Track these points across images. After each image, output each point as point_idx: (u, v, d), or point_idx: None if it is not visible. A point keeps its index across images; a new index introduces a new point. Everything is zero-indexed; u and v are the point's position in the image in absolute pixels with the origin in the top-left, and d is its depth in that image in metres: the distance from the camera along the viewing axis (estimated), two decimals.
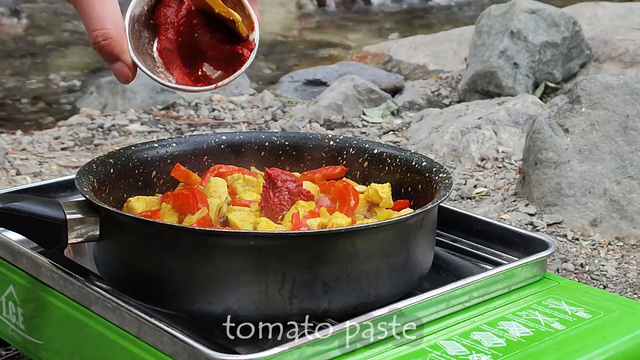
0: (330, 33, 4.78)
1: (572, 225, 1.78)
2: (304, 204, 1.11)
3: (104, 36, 0.97)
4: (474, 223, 1.25)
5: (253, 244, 0.97)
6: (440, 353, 0.96)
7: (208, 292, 0.98)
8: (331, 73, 3.10)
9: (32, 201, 1.04)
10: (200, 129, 2.52)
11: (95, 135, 2.44)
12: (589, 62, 2.98)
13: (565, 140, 1.85)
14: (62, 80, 3.54)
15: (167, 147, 1.26)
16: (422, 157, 1.22)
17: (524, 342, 0.99)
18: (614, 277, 1.60)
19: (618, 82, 1.85)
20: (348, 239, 1.00)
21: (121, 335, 0.98)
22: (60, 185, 1.34)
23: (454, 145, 2.19)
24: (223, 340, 1.02)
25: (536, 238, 1.18)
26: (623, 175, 1.79)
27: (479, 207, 1.89)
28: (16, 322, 1.16)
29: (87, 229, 1.05)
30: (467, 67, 2.93)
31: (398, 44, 3.66)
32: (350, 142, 1.29)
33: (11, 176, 2.07)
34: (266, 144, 1.31)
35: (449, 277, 1.20)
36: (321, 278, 0.99)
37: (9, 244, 1.15)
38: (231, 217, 1.08)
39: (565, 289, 1.13)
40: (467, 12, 5.35)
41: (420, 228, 1.07)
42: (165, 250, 0.99)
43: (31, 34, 4.47)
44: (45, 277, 1.09)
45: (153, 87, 2.77)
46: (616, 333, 1.03)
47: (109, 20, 0.97)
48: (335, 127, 2.53)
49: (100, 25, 0.97)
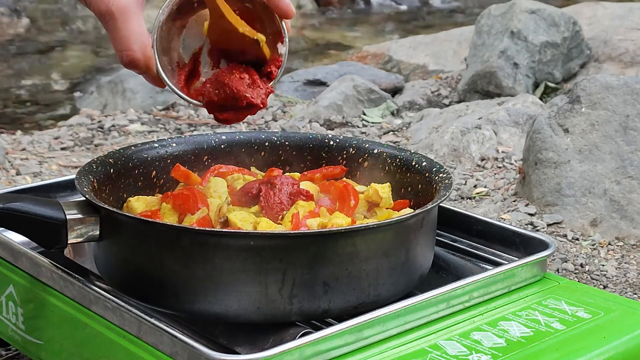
0: (330, 33, 4.78)
1: (572, 225, 1.78)
2: (304, 204, 1.11)
3: (129, 58, 0.99)
4: (474, 223, 1.25)
5: (253, 244, 0.97)
6: (440, 353, 0.96)
7: (208, 292, 0.98)
8: (331, 73, 3.10)
9: (32, 201, 1.04)
10: (200, 129, 2.52)
11: (95, 135, 2.44)
12: (589, 62, 2.98)
13: (565, 140, 1.85)
14: (62, 80, 3.54)
15: (167, 147, 1.26)
16: (422, 157, 1.21)
17: (524, 342, 0.99)
18: (614, 277, 1.60)
19: (618, 82, 1.85)
20: (348, 239, 0.99)
21: (121, 335, 0.98)
22: (60, 185, 1.34)
23: (454, 145, 2.19)
24: (223, 340, 1.02)
25: (536, 238, 1.18)
26: (623, 175, 1.79)
27: (479, 207, 1.89)
28: (16, 322, 1.16)
29: (87, 229, 1.05)
30: (467, 67, 2.93)
31: (398, 44, 3.66)
32: (350, 142, 1.29)
33: (11, 176, 2.07)
34: (266, 144, 1.31)
35: (449, 277, 1.20)
36: (321, 278, 0.99)
37: (9, 244, 1.15)
38: (231, 217, 1.08)
39: (565, 289, 1.13)
40: (468, 12, 5.35)
41: (420, 228, 1.07)
42: (165, 250, 0.99)
43: (31, 33, 4.47)
44: (45, 277, 1.09)
45: (153, 87, 2.77)
46: (616, 333, 1.03)
47: (135, 41, 0.98)
48: (335, 127, 2.53)
49: (125, 46, 0.98)
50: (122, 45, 0.98)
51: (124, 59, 0.99)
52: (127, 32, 0.98)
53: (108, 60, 3.97)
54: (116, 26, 0.98)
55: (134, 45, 0.98)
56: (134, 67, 1.00)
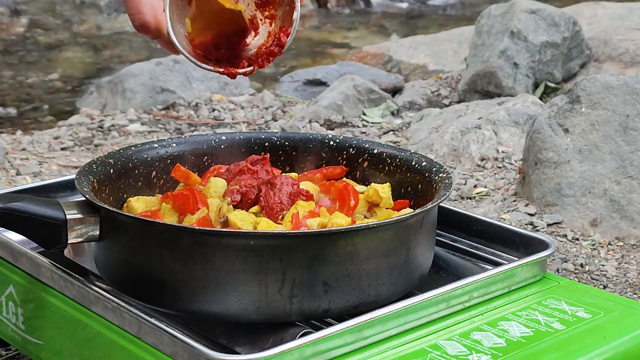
0: (330, 33, 4.78)
1: (572, 225, 1.78)
2: (304, 204, 1.11)
3: (140, 21, 1.01)
4: (474, 223, 1.25)
5: (253, 243, 0.97)
6: (440, 353, 0.96)
7: (208, 292, 0.98)
8: (331, 73, 3.10)
9: (32, 201, 1.04)
10: (200, 129, 2.52)
11: (95, 135, 2.44)
12: (589, 62, 2.98)
13: (565, 140, 1.85)
14: (62, 80, 3.54)
15: (167, 147, 1.26)
16: (422, 157, 1.22)
17: (524, 342, 0.99)
18: (614, 277, 1.60)
19: (618, 82, 1.85)
20: (348, 239, 1.00)
21: (121, 335, 0.98)
22: (60, 185, 1.34)
23: (454, 145, 2.19)
24: (223, 340, 1.02)
25: (536, 238, 1.18)
26: (623, 175, 1.79)
27: (479, 207, 1.89)
28: (16, 322, 1.16)
29: (87, 229, 1.05)
30: (467, 67, 2.93)
31: (398, 44, 3.66)
32: (350, 142, 1.29)
33: (11, 176, 2.07)
34: (266, 144, 1.31)
35: (449, 277, 1.20)
36: (321, 278, 0.99)
37: (9, 244, 1.15)
38: (231, 217, 1.08)
39: (565, 289, 1.13)
40: (467, 13, 5.35)
41: (420, 228, 1.07)
42: (165, 250, 0.99)
43: (31, 33, 4.47)
44: (45, 277, 1.09)
45: (153, 87, 2.77)
46: (616, 333, 1.03)
47: (145, 4, 1.01)
48: (335, 127, 2.53)
49: (136, 10, 1.01)
50: (134, 9, 1.01)
51: (135, 23, 1.02)
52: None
53: (108, 60, 3.97)
54: None
55: (144, 8, 1.01)
56: (145, 30, 1.02)
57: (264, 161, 1.21)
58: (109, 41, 4.33)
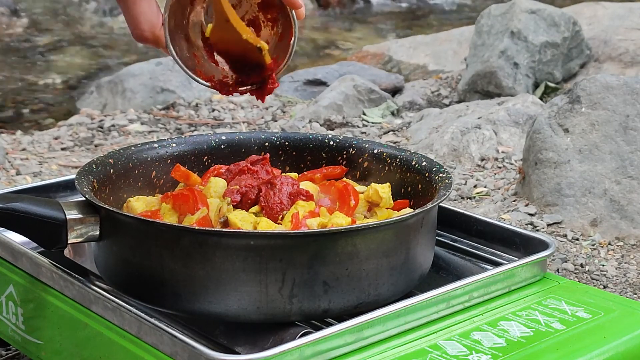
0: (330, 33, 4.78)
1: (572, 225, 1.78)
2: (304, 204, 1.11)
3: (139, 37, 1.05)
4: (474, 223, 1.25)
5: (253, 243, 0.97)
6: (440, 353, 0.96)
7: (208, 292, 0.98)
8: (331, 73, 3.10)
9: (32, 201, 1.04)
10: (200, 129, 2.52)
11: (95, 135, 2.44)
12: (589, 62, 2.98)
13: (565, 140, 1.85)
14: (62, 80, 3.54)
15: (167, 147, 1.26)
16: (422, 157, 1.22)
17: (524, 342, 0.99)
18: (614, 277, 1.60)
19: (618, 82, 1.85)
20: (348, 238, 1.00)
21: (121, 335, 0.98)
22: (60, 185, 1.34)
23: (454, 145, 2.19)
24: (223, 340, 1.02)
25: (536, 238, 1.18)
26: (623, 175, 1.79)
27: (479, 207, 1.89)
28: (16, 322, 1.16)
29: (87, 229, 1.05)
30: (467, 67, 2.93)
31: (398, 44, 3.66)
32: (350, 142, 1.29)
33: (11, 176, 2.07)
34: (266, 144, 1.31)
35: (449, 277, 1.20)
36: (321, 278, 0.99)
37: (9, 244, 1.15)
38: (231, 217, 1.08)
39: (565, 289, 1.13)
40: (468, 12, 5.35)
41: (420, 228, 1.07)
42: (165, 250, 0.99)
43: (31, 33, 4.47)
44: (45, 277, 1.09)
45: (153, 87, 2.77)
46: (616, 333, 1.03)
47: (144, 21, 1.04)
48: (335, 127, 2.53)
49: (134, 25, 1.05)
50: (132, 24, 1.05)
51: (134, 36, 1.05)
52: (136, 12, 1.04)
53: (108, 60, 3.97)
54: (127, 6, 1.04)
55: (143, 25, 1.04)
56: (144, 43, 1.06)
57: (264, 161, 1.21)
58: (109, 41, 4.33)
